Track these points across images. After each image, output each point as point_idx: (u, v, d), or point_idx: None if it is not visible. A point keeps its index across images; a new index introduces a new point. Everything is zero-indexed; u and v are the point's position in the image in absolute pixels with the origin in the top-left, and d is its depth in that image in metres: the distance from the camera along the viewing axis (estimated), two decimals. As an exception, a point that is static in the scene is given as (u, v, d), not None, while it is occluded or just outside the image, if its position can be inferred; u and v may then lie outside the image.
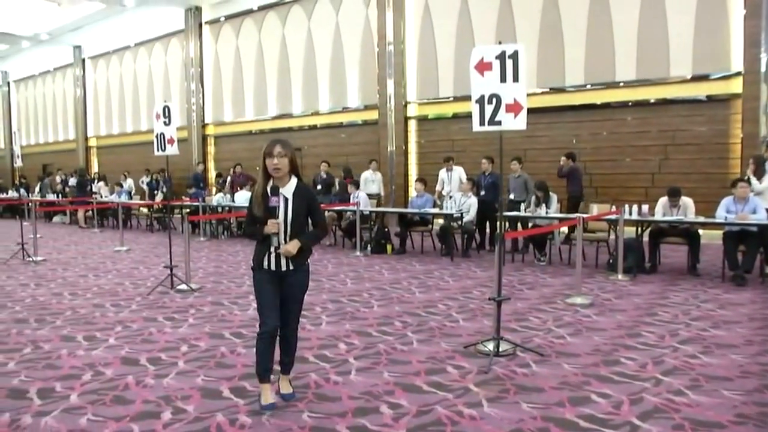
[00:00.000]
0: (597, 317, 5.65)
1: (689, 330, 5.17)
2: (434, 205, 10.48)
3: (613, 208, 8.73)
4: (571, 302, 6.22)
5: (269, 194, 3.37)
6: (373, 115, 15.55)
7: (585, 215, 7.62)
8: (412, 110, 15.15)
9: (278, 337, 3.51)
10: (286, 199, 3.38)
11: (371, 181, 12.67)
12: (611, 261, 8.05)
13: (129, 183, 18.28)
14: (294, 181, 3.40)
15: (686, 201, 7.92)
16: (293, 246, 3.36)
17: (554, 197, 9.00)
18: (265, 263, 3.42)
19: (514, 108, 4.39)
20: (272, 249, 3.39)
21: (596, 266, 8.44)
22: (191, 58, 19.80)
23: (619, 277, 7.52)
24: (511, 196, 9.93)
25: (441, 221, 10.48)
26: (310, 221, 3.50)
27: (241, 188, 13.64)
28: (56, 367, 4.40)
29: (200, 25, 19.76)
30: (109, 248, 11.53)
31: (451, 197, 10.25)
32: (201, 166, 16.85)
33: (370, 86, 15.72)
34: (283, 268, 3.42)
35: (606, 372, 4.13)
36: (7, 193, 21.77)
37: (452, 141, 14.27)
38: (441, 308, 6.13)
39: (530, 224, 9.13)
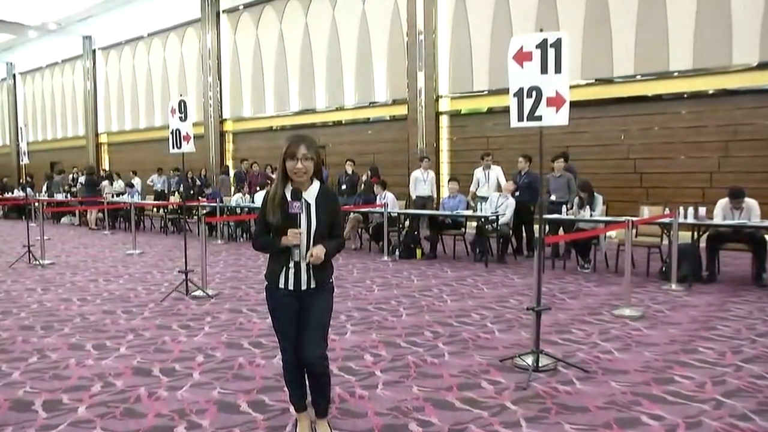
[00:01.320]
0: (648, 331, 5.56)
1: (754, 347, 5.04)
2: (468, 207, 10.45)
3: (666, 211, 8.59)
4: (619, 314, 6.14)
5: (290, 198, 3.06)
6: (401, 110, 15.57)
7: (634, 218, 7.52)
8: (444, 105, 15.13)
9: (305, 371, 3.22)
10: (308, 205, 3.09)
11: (422, 180, 12.11)
12: (664, 269, 7.91)
13: (137, 183, 18.51)
14: (317, 184, 3.14)
15: (750, 203, 7.74)
16: (320, 250, 3.04)
17: (599, 198, 8.89)
18: (282, 281, 3.13)
19: (556, 101, 4.35)
20: (291, 263, 3.10)
21: (647, 275, 8.31)
22: (208, 49, 20.07)
23: (673, 286, 7.39)
24: (552, 198, 9.84)
25: (475, 224, 10.44)
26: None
27: (261, 189, 13.77)
28: (64, 378, 4.48)
29: (218, 14, 20.02)
30: (120, 251, 11.73)
31: (486, 198, 10.20)
32: (245, 164, 16.52)
33: (398, 79, 15.74)
34: (304, 287, 3.12)
35: (658, 391, 4.05)
36: (12, 193, 22.19)
37: (487, 138, 14.21)
38: (475, 318, 6.10)
39: (573, 227, 9.03)
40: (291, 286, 3.13)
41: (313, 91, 17.81)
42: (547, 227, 9.12)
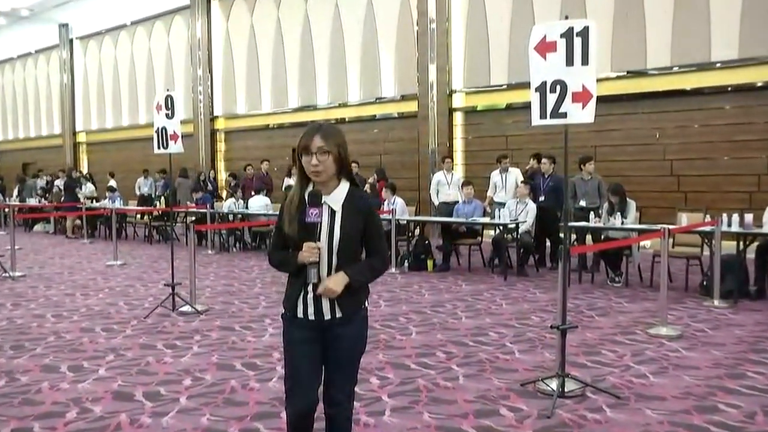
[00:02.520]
0: (688, 352, 5.53)
1: (804, 369, 5.01)
2: (484, 213, 10.43)
3: (708, 218, 8.54)
4: (655, 333, 6.11)
5: (307, 203, 2.71)
6: (411, 106, 15.59)
7: (671, 226, 7.49)
8: (458, 101, 15.14)
9: (324, 418, 2.89)
10: (332, 212, 2.74)
11: (446, 184, 11.76)
12: (705, 283, 7.87)
13: (111, 185, 18.47)
14: (345, 186, 2.79)
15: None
16: (336, 282, 2.69)
17: (632, 204, 8.86)
18: (300, 309, 2.78)
19: (583, 97, 4.35)
20: (310, 287, 2.75)
21: (686, 289, 8.27)
22: (198, 39, 20.18)
23: (716, 303, 7.35)
24: (582, 203, 9.82)
25: (492, 232, 10.41)
26: (364, 248, 2.87)
27: (257, 193, 13.80)
28: (35, 403, 4.48)
29: (208, 1, 20.14)
30: (100, 262, 11.76)
31: (504, 204, 10.18)
32: (266, 164, 16.10)
33: (408, 73, 15.78)
34: (327, 316, 2.76)
35: (700, 421, 4.02)
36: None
37: (505, 137, 14.21)
38: (493, 337, 6.08)
39: (602, 236, 8.99)
40: (311, 315, 2.76)
41: (314, 86, 17.87)
42: (573, 236, 9.09)
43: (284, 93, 18.63)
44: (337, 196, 2.77)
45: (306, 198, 2.74)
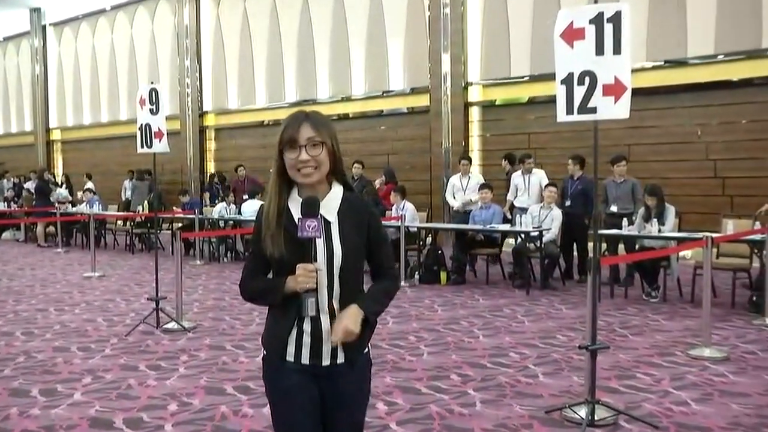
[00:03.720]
0: (735, 377, 5.50)
1: None
2: (504, 220, 10.41)
3: (757, 225, 8.50)
4: (697, 354, 6.08)
5: (301, 213, 2.39)
6: (422, 100, 15.61)
7: (715, 234, 7.46)
8: (475, 94, 15.15)
9: None
10: (326, 224, 2.45)
11: (461, 189, 11.55)
12: (754, 298, 7.83)
13: (90, 188, 18.52)
14: (338, 190, 2.52)
15: None
16: (354, 320, 2.40)
17: (671, 209, 8.84)
18: (291, 350, 2.46)
19: (615, 90, 4.34)
20: (305, 322, 2.44)
21: (732, 305, 8.23)
22: (185, 26, 20.26)
23: (767, 321, 7.34)
24: (613, 208, 9.79)
25: (513, 241, 10.39)
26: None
27: (250, 197, 13.83)
28: (3, 431, 4.49)
29: (197, -16, 20.25)
30: (76, 273, 11.80)
31: (526, 210, 10.16)
32: (242, 170, 16.15)
33: (418, 63, 15.80)
34: (326, 361, 2.46)
35: (744, 451, 4.00)
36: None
37: (527, 135, 14.20)
38: (513, 358, 6.07)
39: (636, 246, 8.96)
40: (306, 359, 2.45)
41: (314, 78, 17.91)
42: (604, 245, 9.06)
43: (281, 86, 18.68)
44: (331, 203, 2.48)
45: (293, 208, 2.46)
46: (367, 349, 2.54)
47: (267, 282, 2.53)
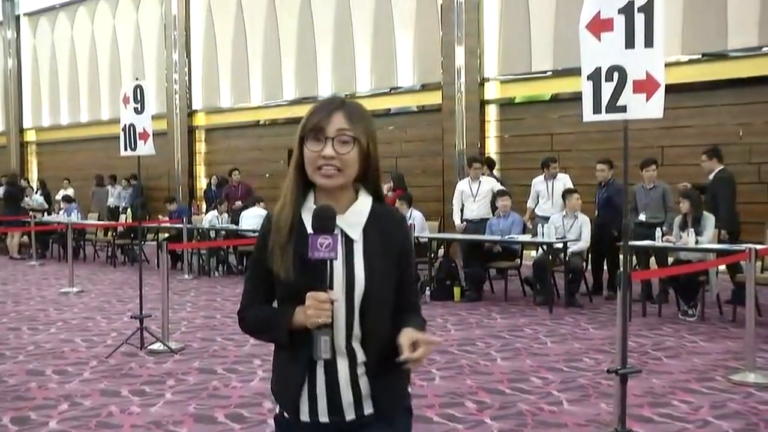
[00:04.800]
0: (778, 403, 5.48)
1: None
2: (524, 230, 10.39)
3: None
4: (740, 380, 6.04)
5: (312, 227, 2.13)
6: (434, 98, 15.63)
7: (760, 246, 7.43)
8: (492, 91, 15.15)
9: None
10: (348, 242, 2.20)
11: (471, 196, 11.29)
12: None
13: (71, 195, 18.58)
14: (366, 201, 2.25)
15: None
16: (424, 339, 2.17)
17: (710, 218, 8.81)
18: (305, 405, 2.20)
19: (647, 86, 4.34)
20: (319, 365, 2.17)
21: (775, 325, 8.21)
22: (173, 16, 20.33)
23: (815, 342, 7.29)
24: (642, 217, 9.77)
25: (535, 253, 10.37)
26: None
27: (251, 204, 13.83)
28: (-23, 460, 4.51)
29: (186, -30, 20.33)
30: (52, 289, 11.81)
31: (548, 219, 10.13)
32: (237, 175, 16.06)
33: (429, 57, 15.82)
34: (350, 415, 2.20)
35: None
36: None
37: (550, 136, 14.19)
38: (535, 383, 6.05)
39: (671, 258, 8.93)
40: (322, 414, 2.18)
41: (315, 74, 17.93)
42: (635, 258, 9.03)
43: (278, 83, 18.71)
44: (355, 216, 2.21)
45: (306, 219, 2.18)
46: (407, 400, 2.32)
47: (271, 313, 2.25)
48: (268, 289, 2.25)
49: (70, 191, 18.67)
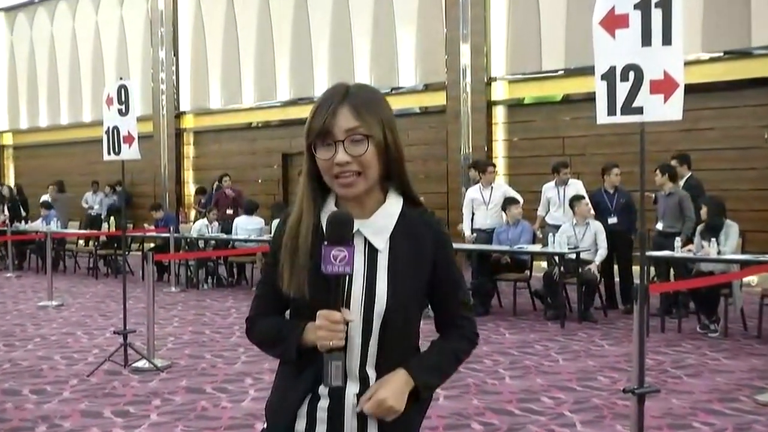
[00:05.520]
0: (806, 425, 5.47)
1: None
2: (534, 239, 10.39)
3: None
4: (766, 401, 6.04)
5: (325, 237, 2.01)
6: (438, 99, 15.63)
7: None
8: (500, 91, 15.16)
9: None
10: (371, 252, 2.09)
11: (482, 203, 11.12)
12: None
13: (49, 200, 18.54)
14: (395, 203, 2.13)
15: None
16: (396, 392, 2.03)
17: (733, 227, 8.81)
18: (301, 426, 2.10)
19: (665, 86, 4.35)
20: (324, 393, 2.08)
21: (803, 341, 8.21)
22: (160, 12, 20.33)
23: None
24: (659, 226, 9.77)
25: (545, 265, 10.36)
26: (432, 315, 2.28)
27: (235, 213, 13.83)
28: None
29: (174, -37, 20.34)
30: (29, 302, 11.81)
31: (557, 228, 10.12)
32: (228, 180, 15.91)
33: (433, 55, 15.83)
34: None
35: None
36: None
37: (562, 139, 14.19)
38: (546, 403, 6.04)
39: (692, 270, 8.92)
40: None
41: (311, 73, 17.93)
42: (652, 269, 9.03)
43: (272, 82, 18.71)
44: (382, 221, 2.09)
45: (323, 226, 2.04)
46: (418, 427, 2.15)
47: (281, 326, 2.15)
48: (280, 298, 2.15)
49: (46, 197, 18.54)
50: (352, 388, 2.05)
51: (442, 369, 2.17)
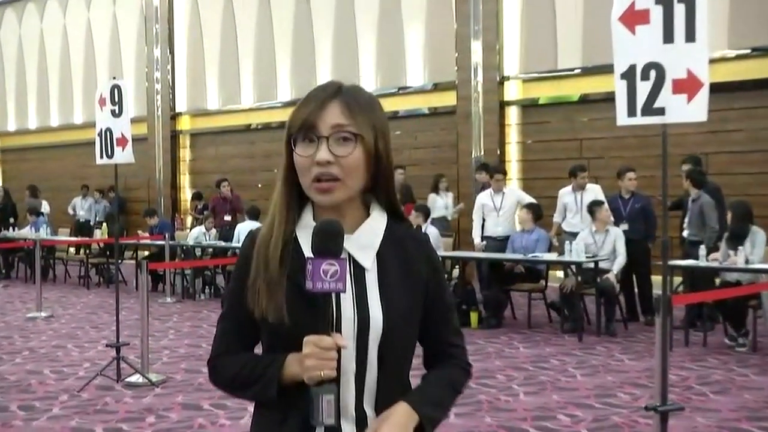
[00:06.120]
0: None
1: None
2: (550, 248, 10.37)
3: None
4: (795, 418, 6.03)
5: (312, 250, 1.85)
6: (447, 99, 15.63)
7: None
8: (513, 91, 15.15)
9: None
10: (357, 270, 1.95)
11: (494, 209, 11.23)
12: None
13: (45, 207, 18.60)
14: (380, 218, 2.01)
15: None
16: (399, 428, 1.86)
17: (761, 235, 8.79)
18: None
19: (688, 86, 4.34)
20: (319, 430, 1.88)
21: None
22: (155, 8, 20.37)
23: None
24: (685, 233, 9.75)
25: (561, 273, 10.34)
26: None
27: (233, 219, 13.83)
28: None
29: (170, -44, 20.40)
30: (17, 314, 11.83)
31: (574, 236, 10.10)
32: (226, 186, 15.78)
33: (442, 53, 15.83)
34: None
35: None
36: None
37: (579, 141, 14.18)
38: (563, 421, 6.03)
39: (717, 280, 8.90)
40: None
41: (313, 72, 17.93)
42: (675, 279, 9.01)
43: (272, 82, 18.73)
44: (366, 237, 1.96)
45: (302, 240, 1.94)
46: None
47: (254, 362, 1.96)
48: (250, 330, 1.98)
49: (44, 205, 18.62)
50: (347, 429, 1.88)
51: (443, 403, 2.01)
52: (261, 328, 1.94)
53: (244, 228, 12.97)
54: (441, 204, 12.97)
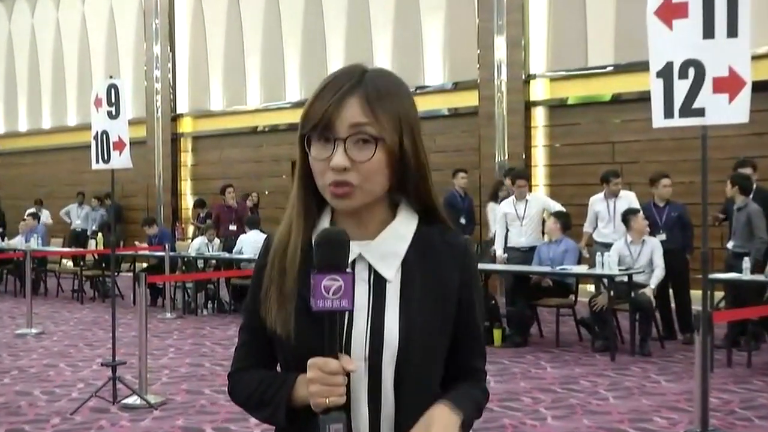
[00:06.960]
0: None
1: None
2: (580, 260, 10.35)
3: None
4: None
5: (315, 263, 1.76)
6: (469, 99, 15.64)
7: None
8: (539, 90, 15.14)
9: None
10: (378, 282, 1.88)
11: (517, 218, 11.09)
12: None
13: (45, 216, 18.73)
14: (408, 221, 1.94)
15: None
16: (448, 428, 1.82)
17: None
18: None
19: (730, 84, 4.33)
20: None
21: None
22: (155, 1, 20.41)
23: None
24: (729, 245, 9.71)
25: (592, 288, 10.31)
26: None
27: (238, 229, 13.83)
28: None
29: (171, -53, 20.49)
30: (6, 330, 11.86)
31: (610, 246, 10.08)
32: (231, 193, 16.08)
33: (463, 50, 15.84)
34: None
35: None
36: None
37: (611, 145, 14.14)
38: (595, 449, 6.02)
39: (764, 296, 8.87)
40: None
41: (324, 71, 17.91)
42: (716, 294, 8.97)
43: (280, 81, 18.77)
44: (390, 244, 1.88)
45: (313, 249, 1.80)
46: None
47: (268, 382, 1.91)
48: (268, 343, 1.93)
49: (32, 210, 18.65)
50: None
51: (473, 410, 1.94)
52: (275, 343, 1.91)
53: (247, 239, 12.95)
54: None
